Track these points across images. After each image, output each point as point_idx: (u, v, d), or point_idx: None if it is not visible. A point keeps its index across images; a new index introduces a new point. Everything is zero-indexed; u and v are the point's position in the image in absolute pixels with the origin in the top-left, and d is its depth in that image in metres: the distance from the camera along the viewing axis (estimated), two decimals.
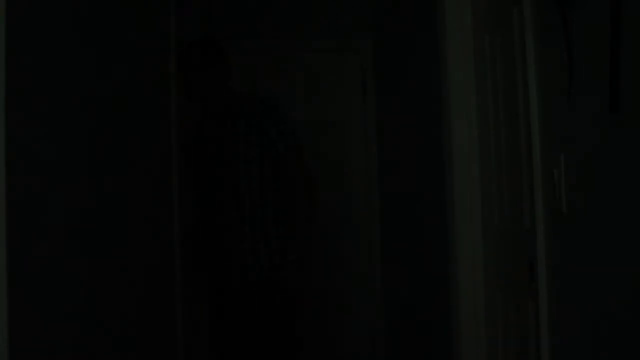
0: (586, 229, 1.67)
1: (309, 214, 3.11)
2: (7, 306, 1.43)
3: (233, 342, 3.09)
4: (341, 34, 4.37)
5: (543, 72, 1.94)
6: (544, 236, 1.96)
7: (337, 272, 4.34)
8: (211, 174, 3.04)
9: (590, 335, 1.66)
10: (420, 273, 3.49)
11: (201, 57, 3.00)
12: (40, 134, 1.66)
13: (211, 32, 4.21)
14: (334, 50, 4.41)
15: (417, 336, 3.60)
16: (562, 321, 1.86)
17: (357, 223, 4.34)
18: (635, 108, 1.38)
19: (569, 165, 1.76)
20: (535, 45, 1.99)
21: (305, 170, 3.07)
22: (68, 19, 1.86)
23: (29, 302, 1.56)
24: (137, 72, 2.50)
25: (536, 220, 1.99)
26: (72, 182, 1.86)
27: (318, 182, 3.18)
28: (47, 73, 1.71)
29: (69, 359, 1.80)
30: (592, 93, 1.59)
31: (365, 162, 4.34)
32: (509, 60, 2.34)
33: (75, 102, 1.89)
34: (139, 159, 2.49)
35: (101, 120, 2.10)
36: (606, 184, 1.54)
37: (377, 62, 4.26)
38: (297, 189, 3.06)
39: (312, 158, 4.31)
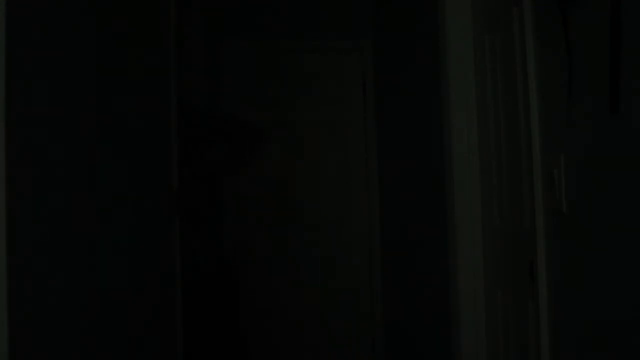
0: (586, 229, 1.67)
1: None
2: (7, 306, 1.43)
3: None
4: (341, 34, 4.38)
5: (543, 72, 1.94)
6: (544, 236, 1.96)
7: (336, 272, 4.35)
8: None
9: (591, 335, 1.66)
10: (420, 273, 3.49)
11: None
12: (41, 133, 1.66)
13: (211, 32, 4.22)
14: (334, 50, 4.41)
15: (417, 336, 3.60)
16: (562, 321, 1.86)
17: (357, 223, 4.35)
18: (635, 108, 1.38)
19: (569, 165, 1.76)
20: (535, 45, 1.99)
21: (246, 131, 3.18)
22: (66, 11, 1.86)
23: (29, 302, 1.56)
24: (136, 72, 2.50)
25: (536, 220, 1.99)
26: (73, 182, 1.86)
27: (262, 133, 3.24)
28: (46, 72, 1.71)
29: (69, 359, 1.80)
30: (592, 93, 1.59)
31: (365, 161, 4.35)
32: (509, 60, 2.34)
33: (76, 103, 1.89)
34: (139, 156, 2.49)
35: (102, 120, 2.10)
36: (606, 184, 1.54)
37: (377, 62, 4.26)
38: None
39: (311, 158, 4.33)
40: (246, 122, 3.34)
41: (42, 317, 1.64)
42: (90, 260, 1.98)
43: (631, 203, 1.42)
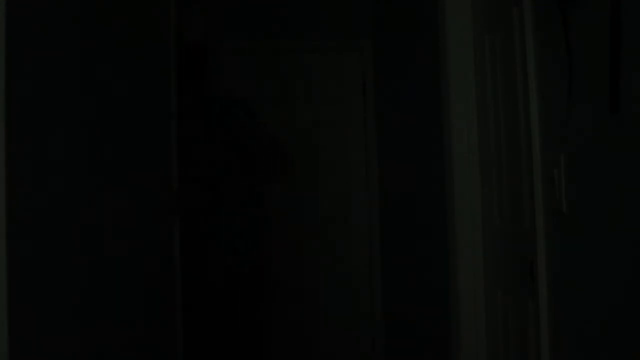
0: (586, 229, 1.67)
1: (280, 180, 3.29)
2: (7, 306, 1.43)
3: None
4: (341, 34, 4.38)
5: (543, 72, 1.94)
6: (544, 236, 1.96)
7: (336, 272, 4.34)
8: (191, 173, 3.09)
9: (591, 335, 1.66)
10: (420, 273, 3.49)
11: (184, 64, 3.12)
12: (41, 133, 1.66)
13: (211, 32, 4.22)
14: (334, 50, 4.41)
15: (417, 336, 3.60)
16: (562, 321, 1.86)
17: (357, 223, 4.35)
18: (635, 108, 1.38)
19: (569, 165, 1.76)
20: (535, 45, 1.99)
21: (277, 156, 3.14)
22: (68, 14, 1.86)
23: (29, 302, 1.56)
24: (136, 72, 2.50)
25: (536, 221, 1.99)
26: (72, 182, 1.86)
27: (292, 159, 3.24)
28: (46, 72, 1.71)
29: (69, 359, 1.80)
30: (592, 93, 1.59)
31: (365, 162, 4.34)
32: (509, 60, 2.34)
33: (76, 103, 1.89)
34: (139, 156, 2.49)
35: (102, 120, 2.10)
36: (606, 184, 1.54)
37: (377, 62, 4.26)
38: (267, 180, 3.18)
39: (311, 158, 4.33)
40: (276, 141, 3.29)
41: (41, 317, 1.64)
42: (89, 259, 1.98)
43: (631, 203, 1.42)
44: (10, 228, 1.45)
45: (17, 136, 1.51)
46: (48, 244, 1.68)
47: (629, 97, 1.41)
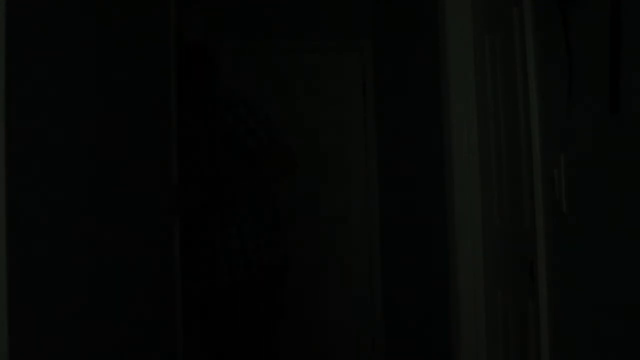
0: (586, 229, 1.67)
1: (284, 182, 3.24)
2: (7, 306, 1.43)
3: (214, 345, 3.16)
4: (341, 34, 4.38)
5: (543, 72, 1.94)
6: (544, 236, 1.96)
7: (337, 272, 4.34)
8: (191, 173, 3.08)
9: (590, 335, 1.66)
10: (420, 273, 3.49)
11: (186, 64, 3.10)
12: (41, 133, 1.66)
13: (211, 32, 4.22)
14: (334, 50, 4.41)
15: (417, 336, 3.60)
16: (562, 321, 1.86)
17: (357, 223, 4.35)
18: (635, 108, 1.38)
19: (569, 165, 1.76)
20: (535, 45, 1.99)
21: (280, 158, 3.12)
22: (66, 11, 1.86)
23: (29, 302, 1.56)
24: (136, 72, 2.50)
25: (536, 220, 1.99)
26: (72, 182, 1.86)
27: (295, 158, 3.20)
28: (46, 72, 1.71)
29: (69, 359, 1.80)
30: (592, 93, 1.59)
31: (365, 162, 4.34)
32: (509, 60, 2.34)
33: (76, 102, 1.89)
34: (139, 156, 2.49)
35: (102, 120, 2.10)
36: (606, 184, 1.54)
37: (377, 62, 4.26)
38: (272, 179, 3.15)
39: (312, 158, 4.32)
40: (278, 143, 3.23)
41: (41, 317, 1.64)
42: (89, 259, 1.98)
43: (631, 203, 1.42)
44: (10, 228, 1.45)
45: (17, 136, 1.51)
46: (48, 244, 1.68)
47: (629, 97, 1.41)
